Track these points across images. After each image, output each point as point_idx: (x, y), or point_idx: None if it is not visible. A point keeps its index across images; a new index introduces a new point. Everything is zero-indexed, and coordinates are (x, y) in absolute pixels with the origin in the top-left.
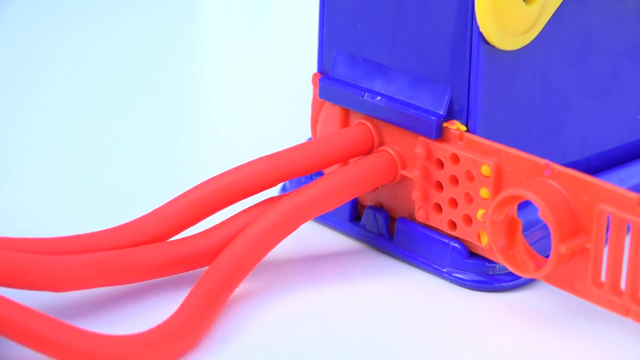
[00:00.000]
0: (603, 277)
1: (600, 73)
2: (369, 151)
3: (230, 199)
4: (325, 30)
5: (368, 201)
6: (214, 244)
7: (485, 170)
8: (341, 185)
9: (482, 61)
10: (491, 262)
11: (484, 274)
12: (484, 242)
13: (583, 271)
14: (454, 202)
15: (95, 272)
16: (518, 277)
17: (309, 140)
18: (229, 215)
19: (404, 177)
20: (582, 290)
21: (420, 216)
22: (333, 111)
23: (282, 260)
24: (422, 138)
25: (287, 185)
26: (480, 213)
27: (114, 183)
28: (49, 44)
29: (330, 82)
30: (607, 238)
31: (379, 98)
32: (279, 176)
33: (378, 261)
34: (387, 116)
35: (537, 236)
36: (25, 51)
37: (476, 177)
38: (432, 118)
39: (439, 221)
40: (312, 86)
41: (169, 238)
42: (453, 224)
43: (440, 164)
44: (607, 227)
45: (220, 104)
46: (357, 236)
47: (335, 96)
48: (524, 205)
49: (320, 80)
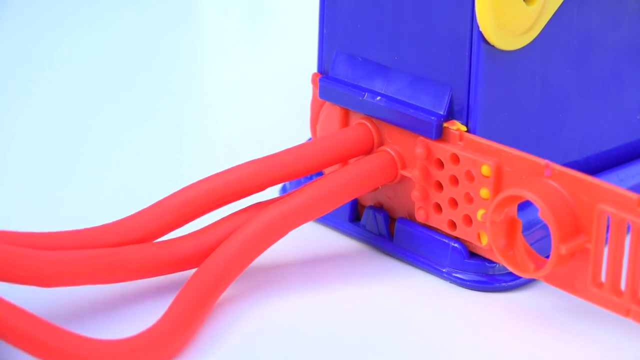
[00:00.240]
0: (603, 277)
1: (600, 73)
2: (369, 151)
3: (219, 201)
4: (325, 30)
5: (368, 201)
6: (203, 247)
7: (485, 170)
8: (341, 185)
9: (482, 61)
10: (491, 262)
11: (484, 274)
12: (484, 242)
13: (583, 271)
14: (454, 202)
15: (83, 269)
16: (518, 277)
17: (309, 140)
18: (218, 217)
19: (403, 177)
20: (582, 290)
21: (420, 216)
22: (333, 111)
23: (282, 260)
24: (422, 138)
25: (287, 186)
26: (480, 213)
27: (113, 183)
28: (49, 44)
29: (330, 82)
30: (607, 238)
31: (379, 98)
32: (269, 180)
33: (378, 261)
34: (387, 116)
35: (537, 236)
36: (25, 51)
37: (476, 177)
38: (432, 118)
39: (439, 221)
40: (311, 86)
41: (157, 238)
42: (453, 224)
43: (440, 164)
44: (607, 227)
45: (220, 104)
46: (357, 236)
47: (335, 96)
48: (525, 205)
49: (320, 80)
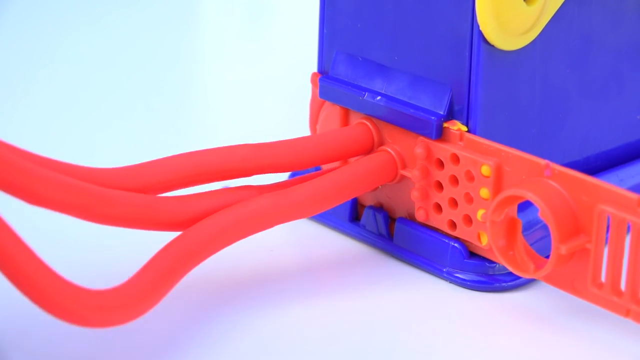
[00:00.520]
0: (603, 278)
1: (601, 73)
2: (369, 151)
3: (203, 177)
4: (325, 30)
5: (368, 201)
6: (190, 212)
7: (485, 170)
8: (340, 184)
9: (482, 61)
10: (491, 262)
11: (484, 274)
12: (483, 242)
13: (583, 271)
14: (454, 202)
15: (73, 198)
16: (518, 277)
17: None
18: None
19: (404, 177)
20: (582, 290)
21: (420, 216)
22: (333, 111)
23: (282, 260)
24: (422, 138)
25: None
26: (480, 213)
27: None
28: (49, 43)
29: (331, 81)
30: (607, 238)
31: (379, 98)
32: (258, 167)
33: (378, 261)
34: (387, 116)
35: (537, 236)
36: (25, 51)
37: (476, 177)
38: (432, 118)
39: (439, 221)
40: (311, 86)
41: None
42: (453, 224)
43: (441, 164)
44: (607, 227)
45: (220, 104)
46: (357, 236)
47: (335, 96)
48: (525, 205)
49: (320, 79)
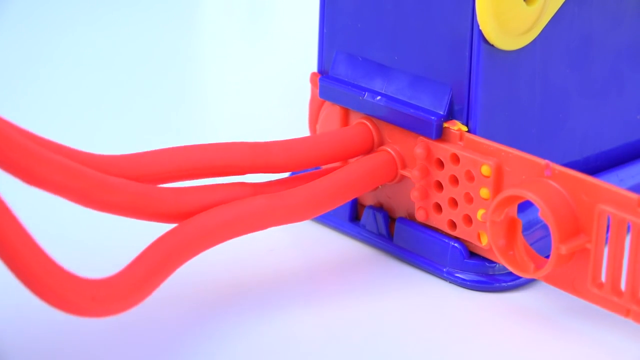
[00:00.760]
0: (603, 278)
1: (601, 73)
2: (368, 151)
3: (198, 172)
4: (325, 30)
5: (368, 201)
6: (184, 206)
7: (486, 170)
8: (340, 184)
9: (482, 61)
10: (491, 262)
11: (484, 274)
12: (483, 242)
13: (583, 271)
14: (454, 202)
15: (72, 181)
16: (518, 277)
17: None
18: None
19: (404, 177)
20: (582, 290)
21: (420, 216)
22: (333, 111)
23: (281, 260)
24: (422, 138)
25: None
26: (480, 213)
27: None
28: (49, 43)
29: (331, 81)
30: (607, 238)
31: (379, 98)
32: (255, 166)
33: (378, 261)
34: (387, 116)
35: (537, 236)
36: (25, 50)
37: (476, 177)
38: (432, 118)
39: (439, 221)
40: (310, 86)
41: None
42: (453, 224)
43: (441, 164)
44: (607, 227)
45: (220, 104)
46: (357, 236)
47: (335, 96)
48: (525, 206)
49: (320, 79)
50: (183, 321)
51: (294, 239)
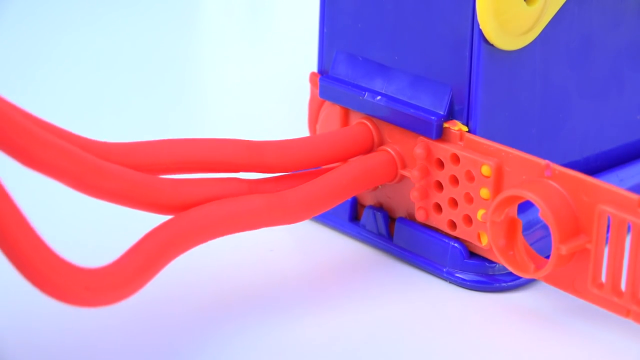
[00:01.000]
0: (603, 278)
1: (601, 73)
2: (368, 151)
3: (194, 166)
4: (325, 30)
5: (368, 201)
6: (181, 197)
7: (486, 170)
8: (340, 184)
9: (482, 61)
10: (491, 262)
11: (484, 274)
12: (484, 243)
13: (583, 272)
14: (454, 202)
15: (69, 165)
16: (518, 277)
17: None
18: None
19: (403, 177)
20: (582, 290)
21: (420, 216)
22: (333, 111)
23: (281, 260)
24: (422, 138)
25: None
26: (480, 213)
27: None
28: (49, 43)
29: (331, 81)
30: (607, 239)
31: (379, 98)
32: (249, 164)
33: (377, 261)
34: (387, 116)
35: (537, 236)
36: (25, 50)
37: (476, 177)
38: (433, 118)
39: (439, 221)
40: (310, 86)
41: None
42: (453, 224)
43: (441, 164)
44: (608, 227)
45: (220, 104)
46: (357, 236)
47: (335, 95)
48: (525, 206)
49: (320, 79)
50: (182, 321)
51: (294, 239)
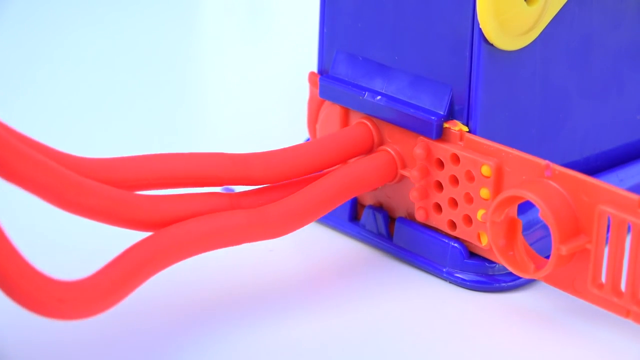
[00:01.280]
0: (603, 278)
1: (601, 73)
2: (369, 151)
3: (178, 181)
4: (325, 30)
5: (368, 201)
6: (160, 214)
7: (486, 170)
8: (340, 185)
9: (482, 61)
10: (491, 262)
11: (484, 274)
12: (483, 243)
13: (583, 272)
14: (454, 202)
15: (48, 180)
16: (518, 278)
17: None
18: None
19: (403, 177)
20: (582, 291)
21: (420, 216)
22: (333, 110)
23: (280, 260)
24: (422, 138)
25: None
26: (480, 213)
27: None
28: (49, 43)
29: (331, 81)
30: (607, 239)
31: (379, 97)
32: (232, 178)
33: (377, 261)
34: (387, 116)
35: (537, 236)
36: (25, 50)
37: (476, 177)
38: (433, 118)
39: (439, 221)
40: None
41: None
42: (453, 224)
43: (441, 164)
44: (608, 228)
45: (220, 104)
46: (357, 236)
47: (335, 95)
48: (526, 207)
49: (320, 79)
50: (182, 321)
51: (293, 239)
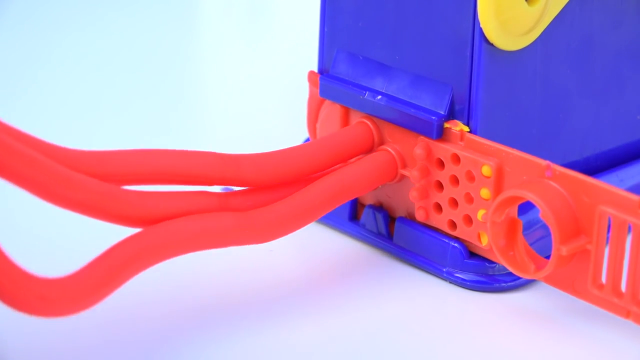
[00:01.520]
0: (603, 279)
1: (601, 73)
2: (369, 150)
3: (167, 177)
4: (326, 29)
5: (368, 200)
6: (148, 210)
7: (486, 170)
8: (341, 186)
9: (483, 61)
10: (491, 262)
11: (484, 274)
12: (484, 243)
13: (583, 272)
14: (454, 202)
15: (36, 173)
16: (518, 278)
17: (307, 141)
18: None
19: (404, 177)
20: (582, 291)
21: (420, 216)
22: (333, 110)
23: (280, 259)
24: (422, 138)
25: None
26: (480, 213)
27: None
28: (49, 43)
29: (331, 80)
30: (607, 240)
31: (379, 97)
32: (221, 178)
33: (377, 261)
34: (387, 115)
35: (537, 236)
36: (25, 51)
37: (477, 177)
38: (433, 118)
39: (439, 221)
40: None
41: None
42: (453, 224)
43: (441, 164)
44: (608, 228)
45: (220, 104)
46: (357, 235)
47: (335, 94)
48: (526, 207)
49: (321, 78)
50: (182, 321)
51: (293, 238)
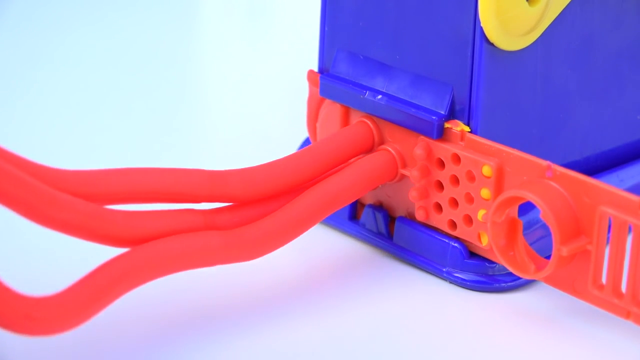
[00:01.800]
0: (604, 279)
1: (602, 74)
2: (369, 150)
3: (155, 196)
4: (326, 28)
5: (368, 200)
6: (134, 230)
7: (487, 170)
8: (341, 188)
9: (484, 61)
10: (491, 262)
11: (484, 274)
12: (484, 243)
13: (584, 273)
14: (454, 202)
15: (20, 193)
16: (518, 278)
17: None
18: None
19: (404, 176)
20: (582, 292)
21: (420, 216)
22: (333, 109)
23: (280, 259)
24: (423, 137)
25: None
26: (480, 213)
27: None
28: (49, 43)
29: (331, 79)
30: (608, 240)
31: (380, 97)
32: (210, 195)
33: (377, 260)
34: (388, 115)
35: (537, 235)
36: (25, 51)
37: (477, 177)
38: (434, 118)
39: (439, 221)
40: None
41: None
42: (453, 224)
43: (441, 164)
44: (609, 229)
45: (220, 104)
46: (357, 235)
47: (336, 94)
48: (527, 208)
49: (321, 77)
50: (181, 321)
51: None
